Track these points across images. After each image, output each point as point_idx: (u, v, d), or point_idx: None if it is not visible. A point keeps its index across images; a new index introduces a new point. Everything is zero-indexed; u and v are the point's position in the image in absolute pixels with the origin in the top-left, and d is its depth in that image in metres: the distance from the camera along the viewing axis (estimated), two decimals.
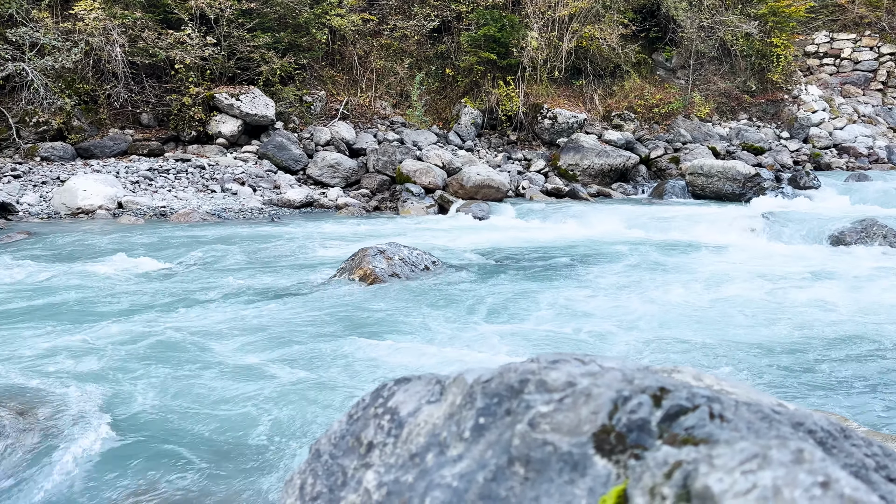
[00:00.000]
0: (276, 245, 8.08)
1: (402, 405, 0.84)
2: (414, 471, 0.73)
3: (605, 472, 0.61)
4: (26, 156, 12.44)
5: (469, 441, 0.71)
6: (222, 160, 13.36)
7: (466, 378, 0.80)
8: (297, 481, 0.87)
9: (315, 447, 0.88)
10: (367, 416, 0.87)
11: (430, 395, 0.83)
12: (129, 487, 2.53)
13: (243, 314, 4.87)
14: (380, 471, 0.78)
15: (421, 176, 12.65)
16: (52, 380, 3.47)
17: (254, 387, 3.42)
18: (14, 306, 5.07)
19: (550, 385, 0.70)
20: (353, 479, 0.80)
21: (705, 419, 0.62)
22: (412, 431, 0.79)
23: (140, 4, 13.55)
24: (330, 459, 0.84)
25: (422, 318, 4.80)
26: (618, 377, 0.68)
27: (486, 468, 0.65)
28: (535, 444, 0.65)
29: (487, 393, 0.74)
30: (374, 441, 0.82)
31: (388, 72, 16.82)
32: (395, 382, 0.90)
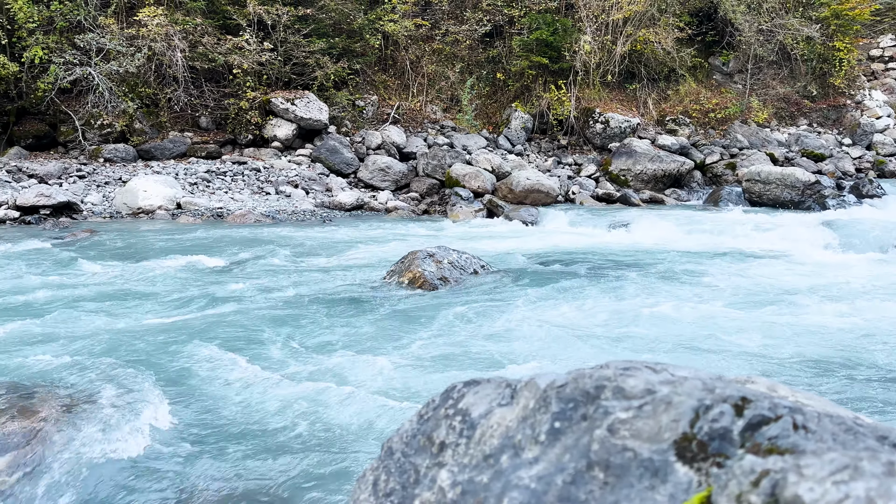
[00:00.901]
0: (328, 247, 8.20)
1: (473, 407, 0.85)
2: (488, 471, 0.74)
3: (686, 479, 0.61)
4: (91, 157, 12.94)
5: (545, 444, 0.72)
6: (277, 163, 13.63)
7: (539, 383, 0.80)
8: (370, 478, 0.89)
9: (387, 445, 0.90)
10: (437, 416, 0.89)
11: (501, 398, 0.84)
12: (187, 481, 2.60)
13: (297, 314, 4.96)
14: (453, 470, 0.79)
15: (470, 180, 12.66)
16: (109, 372, 3.59)
17: (311, 386, 3.48)
18: (75, 300, 5.27)
19: (628, 392, 0.71)
20: (427, 478, 0.81)
21: (789, 430, 0.61)
22: (485, 433, 0.80)
23: (200, 11, 13.96)
24: (402, 457, 0.86)
25: (471, 322, 4.81)
26: (698, 386, 0.68)
27: (565, 471, 0.66)
28: (615, 449, 0.65)
29: (562, 398, 0.75)
30: (446, 441, 0.84)
31: (440, 76, 16.91)
32: (465, 384, 0.92)
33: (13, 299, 5.31)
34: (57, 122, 13.24)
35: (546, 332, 4.58)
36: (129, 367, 3.63)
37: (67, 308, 5.04)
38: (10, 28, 12.38)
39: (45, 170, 11.88)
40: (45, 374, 3.55)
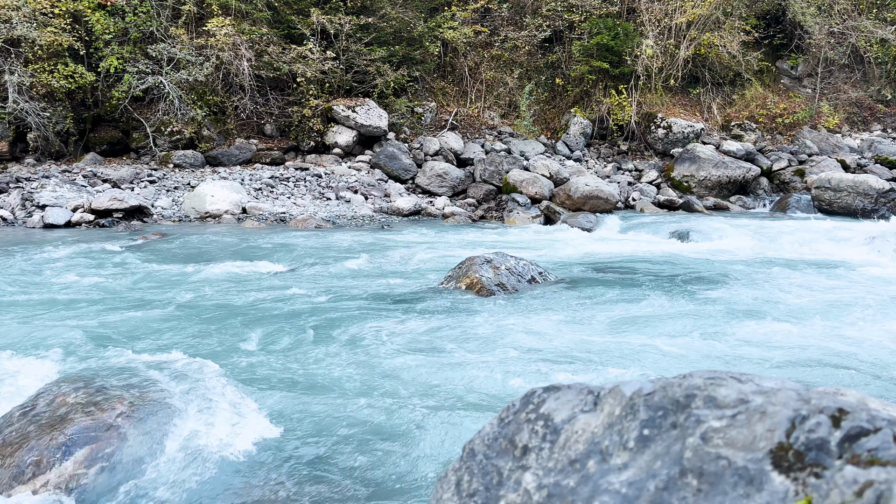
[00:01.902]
0: (386, 252, 8.30)
1: (555, 412, 0.86)
2: (575, 476, 0.75)
3: (782, 488, 0.61)
4: (161, 163, 13.46)
5: (634, 451, 0.72)
6: (337, 169, 13.89)
7: (624, 390, 0.81)
8: (453, 478, 0.91)
9: (469, 447, 0.92)
10: (518, 420, 0.90)
11: (584, 404, 0.85)
12: (258, 477, 2.68)
13: (357, 318, 5.04)
14: (538, 473, 0.81)
15: (527, 186, 12.61)
16: (181, 369, 3.72)
17: (383, 388, 3.53)
18: (146, 300, 5.49)
19: (720, 401, 0.70)
20: (510, 480, 0.82)
21: (889, 442, 0.60)
22: (569, 438, 0.81)
23: (266, 21, 14.36)
24: (484, 459, 0.87)
25: (529, 329, 4.79)
26: (792, 396, 0.67)
27: (657, 478, 0.66)
28: (708, 457, 0.65)
29: (650, 406, 0.75)
30: (529, 445, 0.85)
31: (498, 82, 16.92)
32: (545, 390, 0.93)
33: (90, 298, 5.57)
34: (130, 129, 13.82)
35: (605, 341, 4.52)
36: (201, 365, 3.75)
37: (139, 307, 5.26)
38: (88, 39, 13.00)
39: (119, 175, 12.41)
40: (120, 370, 3.71)
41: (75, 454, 2.85)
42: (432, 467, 2.74)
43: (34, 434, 3.00)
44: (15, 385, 3.61)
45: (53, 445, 2.89)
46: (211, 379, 3.59)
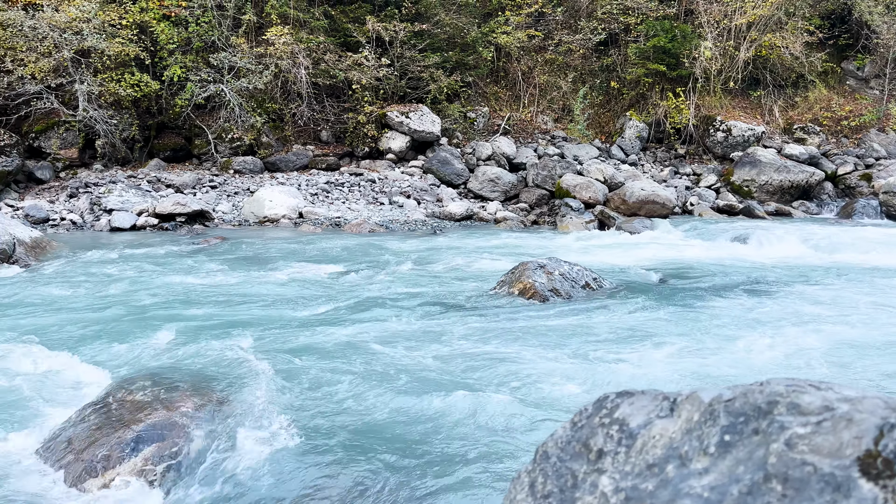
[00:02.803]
0: (439, 256, 8.34)
1: (631, 417, 0.87)
2: (653, 480, 0.76)
3: (871, 495, 0.60)
4: (222, 168, 13.86)
5: (715, 456, 0.72)
6: (391, 174, 14.05)
7: (702, 397, 0.81)
8: (526, 480, 0.92)
9: (542, 450, 0.94)
10: (592, 424, 0.91)
11: (660, 410, 0.86)
12: (319, 482, 2.73)
13: (412, 321, 5.09)
14: (615, 477, 0.81)
15: (581, 191, 12.50)
16: (244, 369, 3.83)
17: (440, 391, 3.56)
18: (209, 302, 5.66)
19: (804, 408, 0.70)
20: (586, 483, 0.84)
21: None
22: (646, 443, 0.82)
23: (323, 29, 14.65)
24: (558, 462, 0.89)
25: (583, 335, 4.74)
26: (880, 405, 0.67)
27: (740, 482, 0.67)
28: (793, 463, 0.65)
29: (731, 412, 0.75)
30: (605, 449, 0.86)
31: (551, 86, 16.83)
32: (618, 395, 0.93)
33: (155, 299, 5.78)
34: (192, 136, 14.28)
35: (660, 347, 4.45)
36: (262, 365, 3.85)
37: (202, 309, 5.43)
38: (153, 49, 13.50)
39: (181, 180, 12.83)
40: (186, 370, 3.84)
41: (143, 451, 2.95)
42: (493, 469, 2.75)
43: (105, 430, 3.12)
44: (87, 383, 3.77)
45: (123, 442, 3.00)
46: (270, 379, 3.68)
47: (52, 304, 5.59)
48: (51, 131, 13.06)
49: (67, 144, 13.13)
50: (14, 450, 3.04)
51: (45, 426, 3.27)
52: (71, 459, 2.96)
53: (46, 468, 2.92)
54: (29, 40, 12.17)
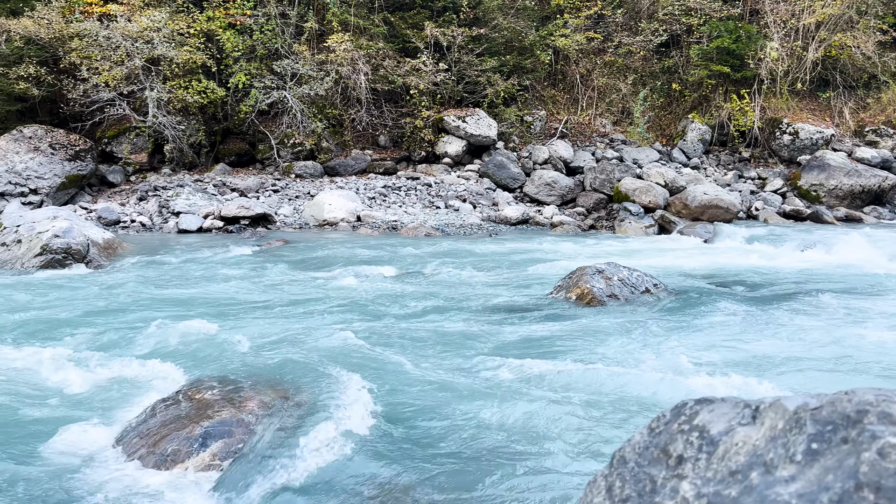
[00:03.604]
0: (495, 260, 8.34)
1: (711, 424, 0.87)
2: (736, 486, 0.75)
3: None
4: (284, 173, 14.19)
5: (801, 464, 0.72)
6: (447, 178, 14.12)
7: (787, 405, 0.80)
8: (603, 483, 0.93)
9: (619, 454, 0.94)
10: (670, 430, 0.91)
11: (741, 417, 0.85)
12: (382, 481, 2.77)
13: (469, 325, 5.10)
14: (696, 483, 0.81)
15: (640, 194, 12.29)
16: (306, 370, 3.91)
17: (498, 396, 3.57)
18: (274, 303, 5.80)
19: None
20: (665, 488, 0.84)
21: None
22: (729, 450, 0.81)
23: (382, 35, 14.85)
24: (636, 467, 0.89)
25: (643, 341, 4.67)
26: None
27: (830, 491, 0.66)
28: (887, 472, 0.64)
29: (818, 420, 0.74)
30: (685, 455, 0.86)
31: (611, 89, 16.62)
32: (696, 402, 0.93)
33: (223, 300, 5.96)
34: (256, 141, 14.67)
35: (725, 356, 4.34)
36: (325, 364, 3.93)
37: (266, 310, 5.57)
38: (219, 57, 13.94)
39: (245, 184, 13.20)
40: (251, 369, 3.95)
41: (211, 446, 3.05)
42: (561, 473, 2.74)
43: (175, 426, 3.23)
44: (157, 379, 3.92)
45: (192, 437, 3.10)
46: (333, 377, 3.75)
47: (124, 303, 5.83)
48: (122, 137, 13.64)
49: (138, 149, 13.68)
50: (92, 442, 3.17)
51: (120, 420, 3.41)
52: (144, 453, 3.08)
53: (122, 460, 3.04)
54: (103, 49, 12.74)
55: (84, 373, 3.96)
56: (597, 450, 2.97)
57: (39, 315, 5.31)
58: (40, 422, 3.31)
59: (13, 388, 3.72)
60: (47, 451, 3.03)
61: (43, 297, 6.01)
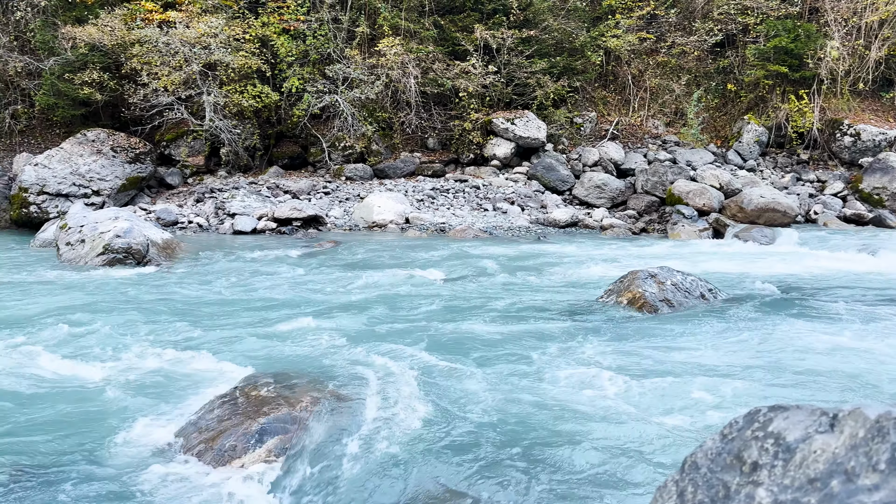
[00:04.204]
0: (543, 263, 8.29)
1: (787, 432, 0.85)
2: (815, 494, 0.74)
3: None
4: (334, 175, 14.40)
5: (886, 473, 0.70)
6: (495, 181, 14.10)
7: (867, 413, 0.79)
8: (673, 489, 0.92)
9: (691, 460, 0.94)
10: (743, 437, 0.90)
11: (818, 425, 0.84)
12: (434, 479, 2.79)
13: (518, 328, 5.09)
14: (772, 490, 0.81)
15: (694, 197, 12.05)
16: (359, 368, 3.97)
17: (548, 399, 3.56)
18: (325, 303, 5.89)
19: None
20: (740, 494, 0.83)
21: None
22: (806, 458, 0.80)
23: (433, 39, 14.94)
24: (709, 473, 0.89)
25: (698, 348, 4.58)
26: None
27: None
28: None
29: None
30: (760, 462, 0.85)
31: (663, 90, 16.35)
32: (770, 409, 0.92)
33: (275, 300, 6.09)
34: (308, 145, 14.94)
35: (783, 363, 4.22)
36: (376, 366, 3.98)
37: (318, 310, 5.66)
38: (273, 62, 14.24)
39: (297, 186, 13.44)
40: (304, 367, 4.03)
41: (266, 443, 3.11)
42: (621, 478, 2.71)
43: (232, 422, 3.31)
44: (214, 376, 4.02)
45: (248, 433, 3.17)
46: (384, 377, 3.79)
47: (182, 301, 6.01)
48: (180, 140, 14.05)
49: (195, 152, 14.07)
50: (153, 436, 3.27)
51: (179, 414, 3.51)
52: (203, 448, 3.16)
53: (182, 454, 3.13)
54: (162, 55, 13.15)
55: (145, 368, 4.09)
56: (652, 456, 2.93)
57: (101, 312, 5.51)
58: (104, 415, 3.44)
59: (77, 382, 3.87)
60: (111, 444, 3.14)
61: (104, 294, 6.24)
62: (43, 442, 3.10)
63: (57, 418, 3.36)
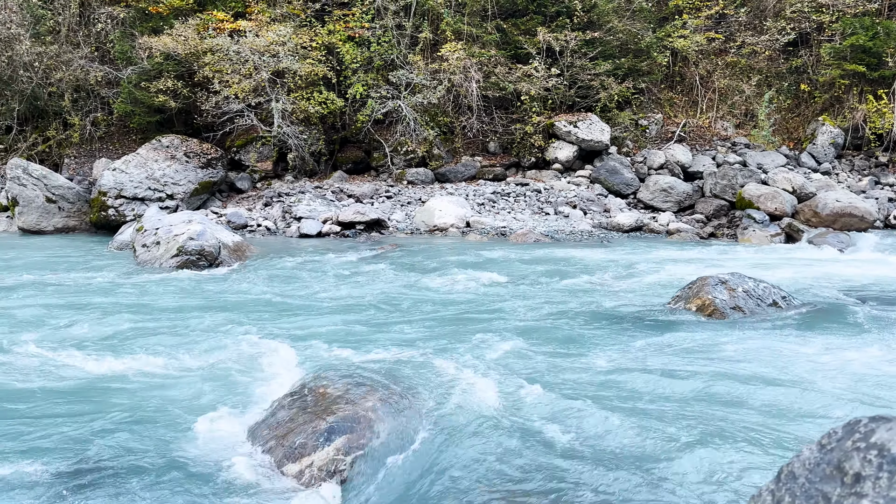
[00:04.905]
0: (607, 268, 8.16)
1: (891, 443, 0.82)
2: None
3: None
4: (396, 179, 14.57)
5: None
6: (556, 184, 13.98)
7: None
8: (769, 498, 0.90)
9: (788, 469, 0.91)
10: (843, 448, 0.88)
11: None
12: (510, 484, 2.79)
13: (583, 334, 5.02)
14: (878, 501, 0.78)
15: (765, 201, 11.66)
16: (426, 369, 3.99)
17: (623, 408, 3.51)
18: (390, 303, 5.96)
19: None
20: None
21: None
22: None
23: (494, 43, 14.94)
24: (807, 483, 0.86)
25: (771, 358, 4.41)
26: None
27: None
28: None
29: None
30: (863, 473, 0.82)
31: (733, 91, 15.89)
32: (871, 420, 0.89)
33: (342, 301, 6.20)
34: (371, 150, 15.16)
35: (863, 374, 4.03)
36: (441, 368, 4.00)
37: (383, 311, 5.74)
38: (339, 69, 14.52)
39: (361, 191, 13.66)
40: (372, 366, 4.08)
41: (335, 441, 3.16)
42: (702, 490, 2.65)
43: (301, 420, 3.38)
44: (283, 374, 4.12)
45: (317, 431, 3.22)
46: (450, 380, 3.81)
47: (252, 301, 6.19)
48: (249, 146, 14.48)
49: (263, 157, 14.48)
50: (224, 434, 3.36)
51: (250, 411, 3.60)
52: (273, 444, 3.24)
53: (253, 449, 3.21)
54: (233, 63, 13.58)
55: (216, 364, 4.23)
56: (730, 467, 2.84)
57: (175, 311, 5.73)
58: (177, 409, 3.56)
59: (151, 377, 4.03)
60: (184, 438, 3.25)
61: (178, 294, 6.49)
62: (118, 434, 3.24)
63: (131, 411, 3.50)
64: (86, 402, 3.63)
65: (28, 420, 3.39)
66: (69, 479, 2.81)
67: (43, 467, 2.89)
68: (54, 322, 5.34)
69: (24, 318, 5.44)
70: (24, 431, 3.26)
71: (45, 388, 3.83)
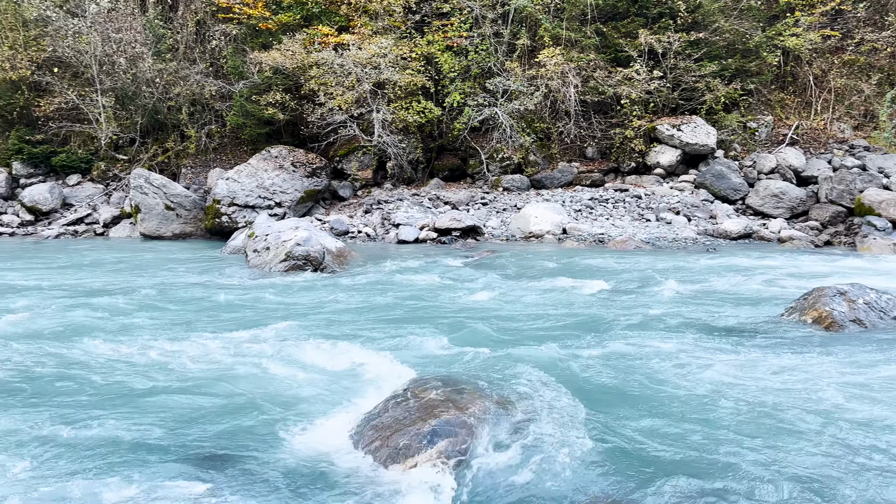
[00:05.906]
0: (714, 277, 7.85)
1: None
2: None
3: None
4: (492, 186, 14.61)
5: None
6: (658, 190, 13.58)
7: None
8: None
9: None
10: None
11: None
12: (605, 492, 2.75)
13: (695, 345, 4.85)
14: None
15: (888, 207, 10.89)
16: (524, 377, 3.98)
17: (736, 423, 3.39)
18: (488, 312, 5.98)
19: None
20: None
21: None
22: None
23: (593, 47, 14.72)
24: None
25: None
26: None
27: None
28: None
29: None
30: None
31: (850, 90, 14.92)
32: None
33: (440, 307, 6.28)
34: (467, 157, 15.28)
35: None
36: (540, 375, 3.98)
37: (481, 317, 5.76)
38: (437, 78, 14.73)
39: (457, 198, 13.79)
40: (471, 373, 4.12)
41: (437, 444, 3.21)
42: None
43: (405, 422, 3.45)
44: (386, 377, 4.21)
45: (421, 434, 3.28)
46: (549, 389, 3.79)
47: (355, 305, 6.38)
48: (351, 155, 14.94)
49: (364, 166, 14.90)
50: (331, 432, 3.48)
51: (354, 412, 3.71)
52: (378, 445, 3.33)
53: (357, 449, 3.31)
54: (337, 76, 14.07)
55: (321, 365, 4.39)
56: (862, 492, 2.68)
57: (284, 313, 5.99)
58: (285, 408, 3.71)
59: (259, 376, 4.22)
60: (291, 436, 3.39)
61: (288, 297, 6.78)
62: (227, 431, 3.41)
63: (240, 409, 3.68)
64: (190, 397, 3.84)
65: (165, 410, 3.63)
66: (203, 463, 3.01)
67: (180, 451, 3.10)
68: (179, 320, 5.71)
69: (152, 318, 5.85)
70: (158, 421, 3.49)
71: (179, 377, 4.10)
